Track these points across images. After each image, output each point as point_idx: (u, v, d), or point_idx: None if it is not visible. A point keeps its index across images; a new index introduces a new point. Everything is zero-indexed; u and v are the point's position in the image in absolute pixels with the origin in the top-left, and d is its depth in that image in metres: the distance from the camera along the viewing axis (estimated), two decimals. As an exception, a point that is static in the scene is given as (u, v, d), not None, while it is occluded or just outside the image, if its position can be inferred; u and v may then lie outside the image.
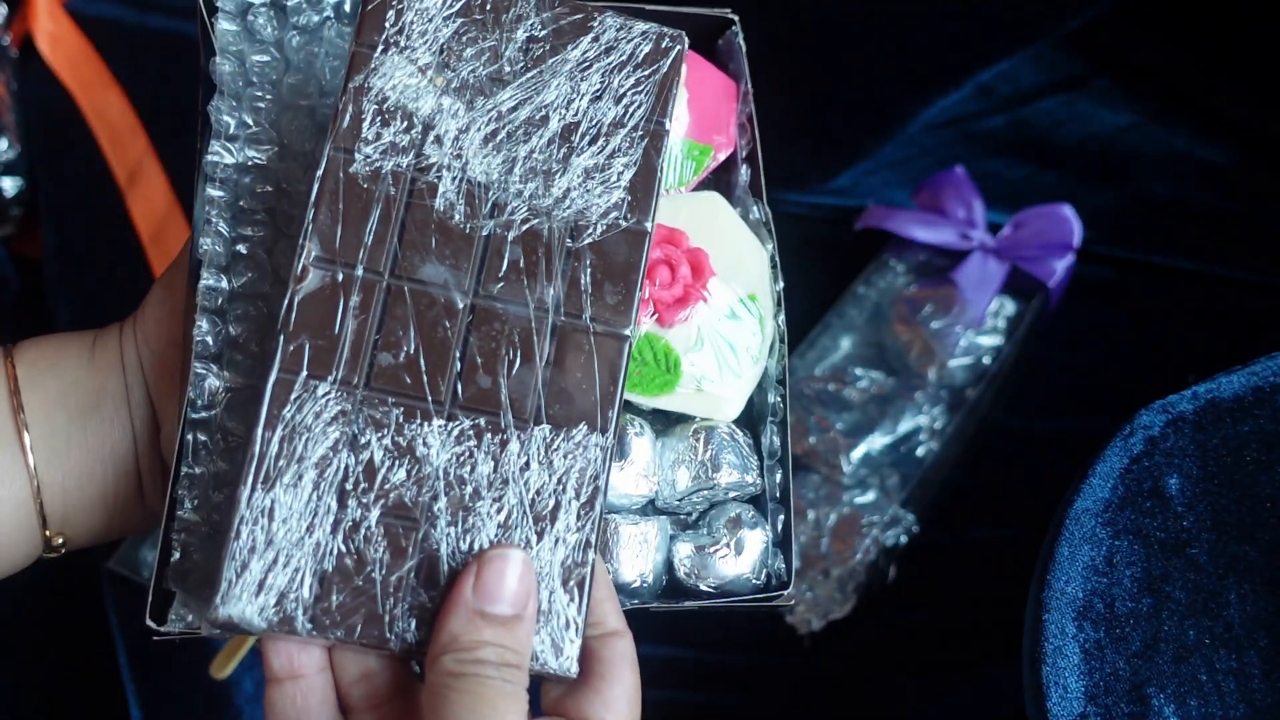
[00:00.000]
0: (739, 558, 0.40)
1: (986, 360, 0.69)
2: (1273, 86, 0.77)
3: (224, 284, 0.39)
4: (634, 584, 0.39)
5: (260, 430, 0.33)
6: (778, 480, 0.42)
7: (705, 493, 0.41)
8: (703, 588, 0.40)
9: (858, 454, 0.66)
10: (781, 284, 0.43)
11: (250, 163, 0.40)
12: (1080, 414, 0.70)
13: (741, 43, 0.45)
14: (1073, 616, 0.45)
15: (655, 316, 0.41)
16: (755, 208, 0.44)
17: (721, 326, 0.41)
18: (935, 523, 0.67)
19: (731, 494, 0.41)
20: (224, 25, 0.40)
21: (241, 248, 0.39)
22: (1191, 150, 0.79)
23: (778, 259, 0.43)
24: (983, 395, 0.68)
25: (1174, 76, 0.80)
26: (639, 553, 0.39)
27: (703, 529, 0.41)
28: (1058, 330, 0.73)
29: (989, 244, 0.70)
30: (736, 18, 0.45)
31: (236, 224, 0.39)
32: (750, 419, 0.43)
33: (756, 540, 0.40)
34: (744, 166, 0.45)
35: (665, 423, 0.42)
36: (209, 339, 0.38)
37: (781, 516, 0.41)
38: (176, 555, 0.37)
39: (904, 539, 0.65)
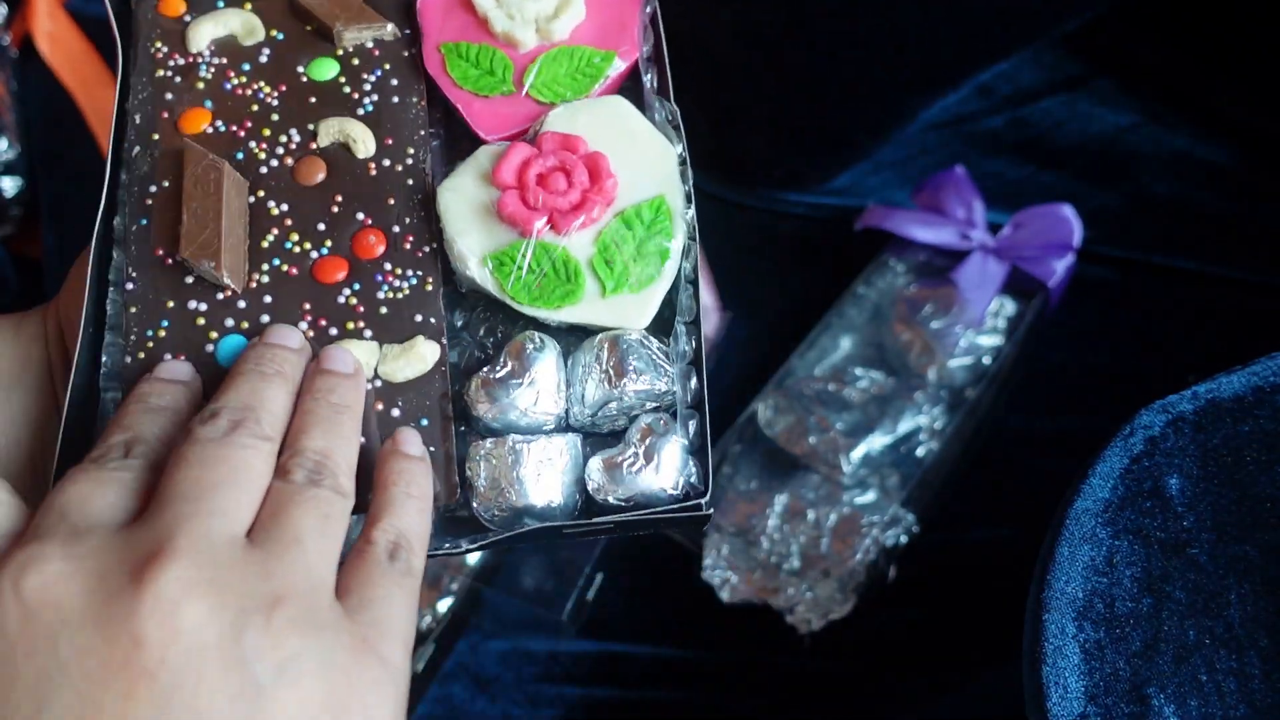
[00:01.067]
0: (654, 470, 0.38)
1: (986, 360, 0.69)
2: (1273, 86, 0.77)
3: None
4: (541, 506, 0.38)
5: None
6: (692, 385, 0.40)
7: (615, 404, 0.39)
8: (613, 501, 0.38)
9: (858, 454, 0.66)
10: (691, 182, 0.42)
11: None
12: (1080, 414, 0.70)
13: None
14: (1073, 616, 0.45)
15: (550, 224, 0.40)
16: (661, 109, 0.43)
17: (625, 232, 0.40)
18: (935, 523, 0.67)
19: (649, 405, 0.39)
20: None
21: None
22: (1192, 150, 0.79)
23: (687, 157, 0.42)
24: (983, 395, 0.68)
25: (1174, 76, 0.80)
26: (542, 473, 0.38)
27: (616, 444, 0.39)
28: (1058, 330, 0.73)
29: (989, 244, 0.70)
30: None
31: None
32: (663, 324, 0.41)
33: (672, 450, 0.38)
34: (650, 69, 0.44)
35: (580, 338, 0.41)
36: (109, 309, 0.40)
37: (694, 423, 0.39)
38: None
39: (904, 539, 0.65)
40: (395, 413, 0.39)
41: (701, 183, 0.80)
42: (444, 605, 0.65)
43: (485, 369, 0.39)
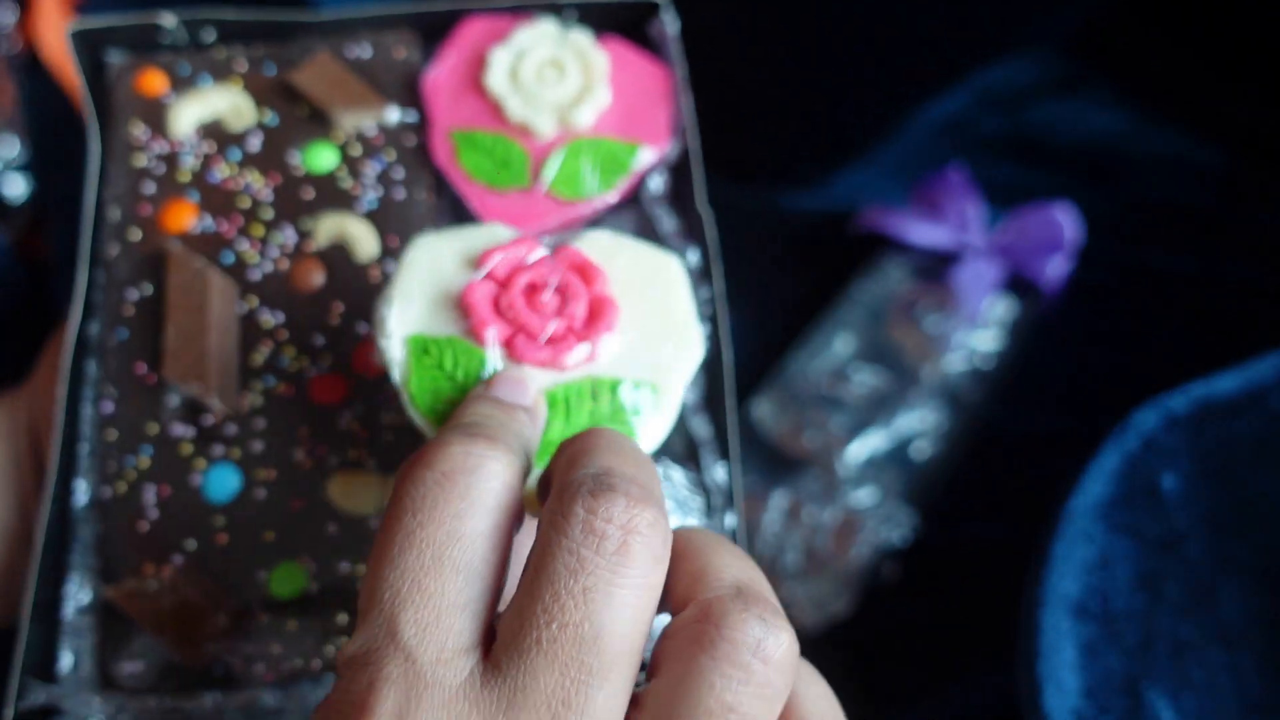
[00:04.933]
0: None
1: (983, 360, 0.69)
2: (1271, 88, 0.77)
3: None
4: None
5: None
6: (728, 524, 0.35)
7: None
8: None
9: (855, 453, 0.66)
10: (701, 354, 0.34)
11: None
12: (1076, 413, 0.71)
13: (672, 29, 0.40)
14: (1068, 613, 0.45)
15: (507, 345, 0.32)
16: (667, 219, 0.38)
17: (587, 401, 0.31)
18: (934, 522, 0.67)
19: None
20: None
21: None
22: (1188, 152, 0.79)
23: (721, 333, 0.35)
24: (980, 395, 0.69)
25: (1171, 79, 0.80)
26: None
27: None
28: (1055, 330, 0.73)
29: (985, 245, 0.70)
30: (661, 0, 0.39)
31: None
32: (691, 450, 0.36)
33: None
34: (664, 173, 0.39)
35: None
36: (86, 428, 0.36)
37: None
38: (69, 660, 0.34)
39: (902, 538, 0.66)
40: None
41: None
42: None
43: None
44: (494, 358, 0.31)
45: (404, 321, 0.32)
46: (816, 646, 0.65)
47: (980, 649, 0.64)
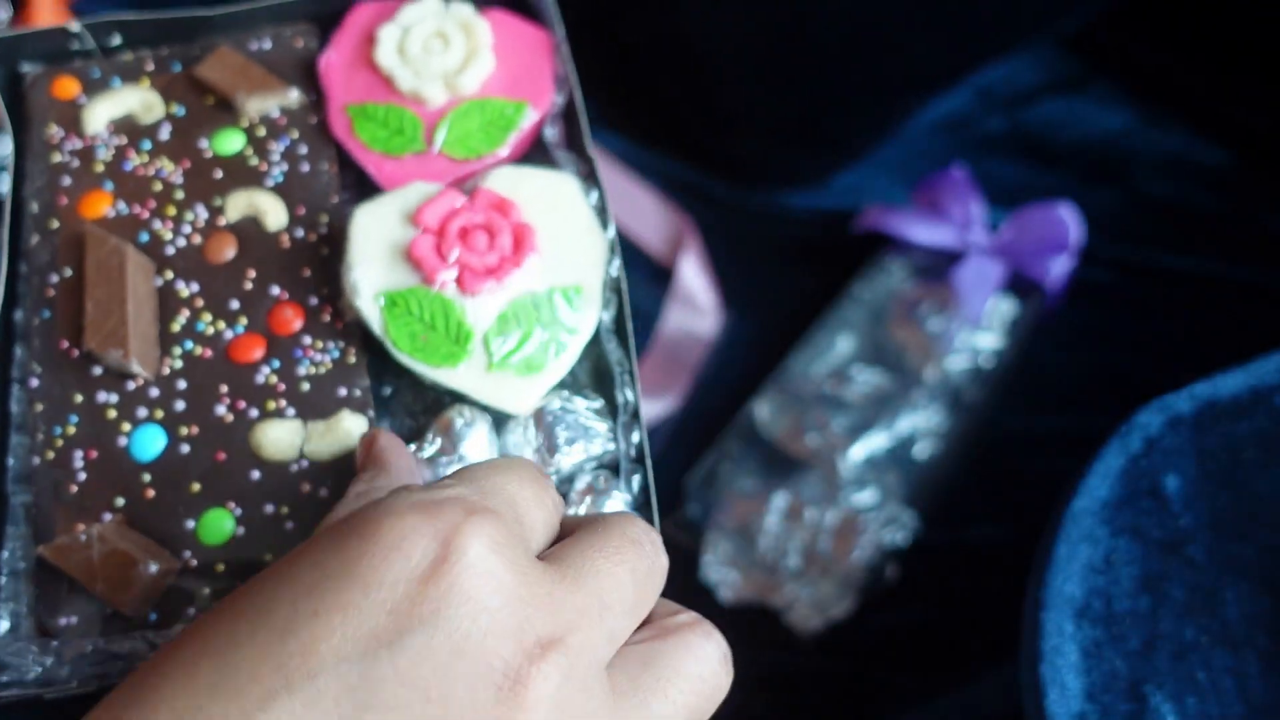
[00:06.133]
0: None
1: (985, 360, 0.69)
2: (1271, 87, 0.77)
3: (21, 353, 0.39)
4: None
5: None
6: (634, 440, 0.38)
7: (554, 479, 0.37)
8: None
9: (857, 454, 0.66)
10: (620, 266, 0.40)
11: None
12: (1078, 414, 0.71)
13: None
14: (1071, 615, 0.45)
15: (457, 281, 0.38)
16: (569, 163, 0.41)
17: (531, 312, 0.38)
18: (935, 523, 0.67)
19: (588, 468, 0.37)
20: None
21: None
22: (1190, 151, 0.79)
23: (618, 243, 0.40)
24: (981, 395, 0.69)
25: (1172, 78, 0.80)
26: None
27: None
28: (1057, 330, 0.73)
29: (987, 244, 0.70)
30: None
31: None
32: (598, 376, 0.39)
33: (615, 508, 0.37)
34: (557, 122, 0.42)
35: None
36: (14, 408, 0.38)
37: (638, 477, 0.37)
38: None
39: (904, 539, 0.65)
40: (323, 493, 0.37)
41: (701, 183, 0.81)
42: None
43: (414, 447, 0.37)
44: (450, 292, 0.37)
45: (370, 282, 0.37)
46: (818, 648, 0.65)
47: (982, 651, 0.64)
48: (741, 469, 0.68)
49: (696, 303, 0.75)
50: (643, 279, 0.76)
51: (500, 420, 0.38)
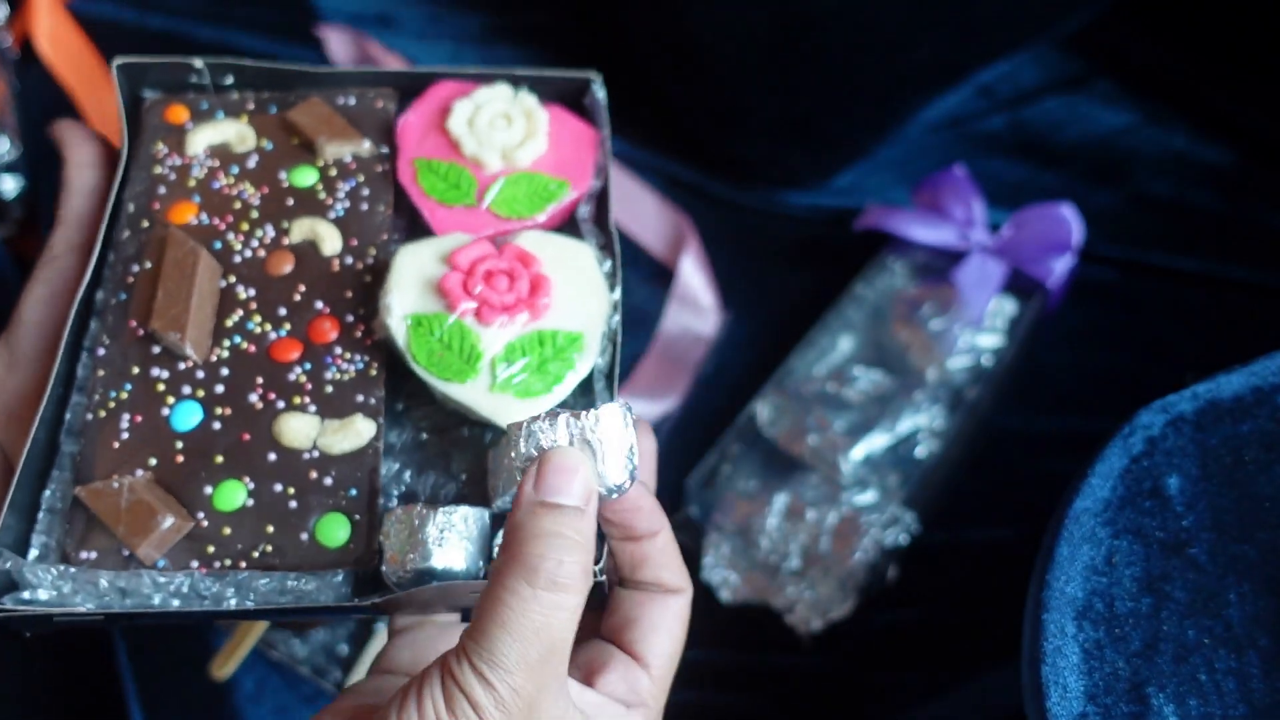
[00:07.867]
0: None
1: (986, 360, 0.69)
2: (1272, 87, 0.77)
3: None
4: (441, 569, 0.39)
5: None
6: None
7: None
8: None
9: (858, 454, 0.66)
10: (618, 323, 0.45)
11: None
12: (1080, 414, 0.71)
13: (601, 98, 0.50)
14: (1072, 616, 0.45)
15: (476, 314, 0.44)
16: (592, 235, 0.48)
17: (535, 346, 0.43)
18: (935, 523, 0.67)
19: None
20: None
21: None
22: (1191, 150, 0.79)
23: (620, 303, 0.45)
24: (982, 395, 0.68)
25: (1173, 77, 0.80)
26: (445, 539, 0.39)
27: None
28: (1058, 330, 0.73)
29: (988, 244, 0.70)
30: (597, 77, 0.51)
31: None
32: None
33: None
34: (590, 202, 0.49)
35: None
36: (80, 372, 0.44)
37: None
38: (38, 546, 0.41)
39: (903, 539, 0.65)
40: (328, 481, 0.42)
41: (702, 183, 0.81)
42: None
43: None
44: (468, 321, 0.43)
45: (401, 305, 0.44)
46: (818, 648, 0.65)
47: (983, 652, 0.64)
48: (742, 469, 0.68)
49: (697, 302, 0.75)
50: (643, 279, 0.76)
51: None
